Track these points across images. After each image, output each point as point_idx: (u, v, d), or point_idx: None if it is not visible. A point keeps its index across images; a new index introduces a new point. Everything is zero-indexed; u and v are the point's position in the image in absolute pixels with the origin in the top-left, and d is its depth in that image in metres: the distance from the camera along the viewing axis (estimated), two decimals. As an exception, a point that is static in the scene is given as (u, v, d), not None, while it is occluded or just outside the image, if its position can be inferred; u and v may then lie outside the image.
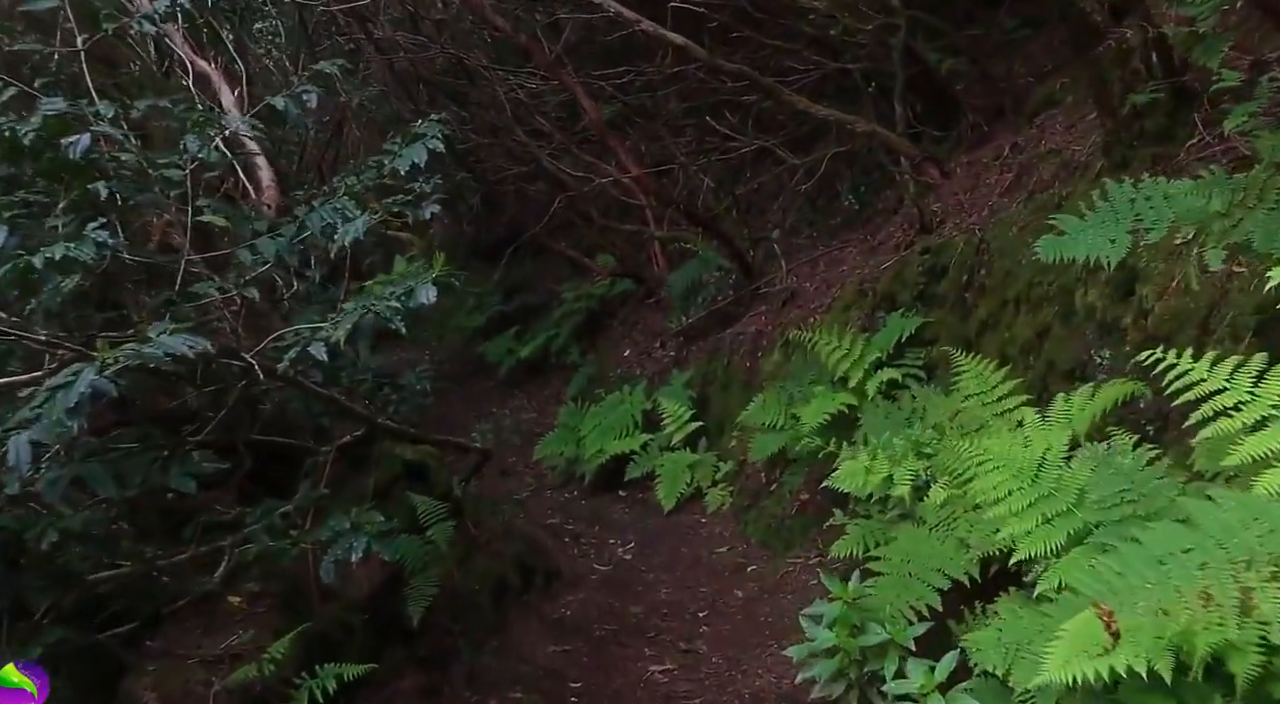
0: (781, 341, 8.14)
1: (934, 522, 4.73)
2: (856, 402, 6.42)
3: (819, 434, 6.46)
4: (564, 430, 9.97)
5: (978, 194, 7.05)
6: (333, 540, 3.90)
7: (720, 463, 8.39)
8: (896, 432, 5.47)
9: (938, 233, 7.00)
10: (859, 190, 9.14)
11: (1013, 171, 6.74)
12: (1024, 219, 5.99)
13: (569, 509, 9.31)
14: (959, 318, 6.23)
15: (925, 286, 6.51)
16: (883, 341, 6.61)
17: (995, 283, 5.88)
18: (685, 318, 10.12)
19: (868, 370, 6.58)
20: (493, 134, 11.47)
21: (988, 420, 5.11)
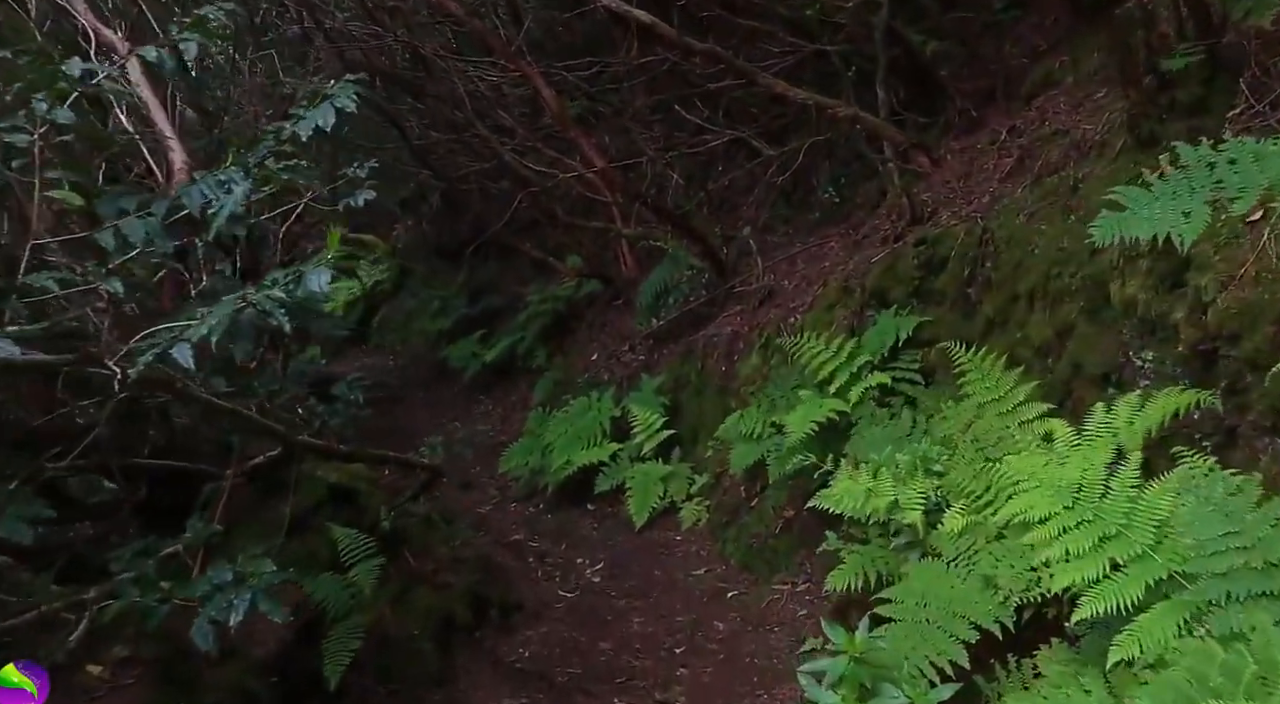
0: (760, 343, 7.28)
1: (951, 554, 3.87)
2: (847, 409, 5.56)
3: (806, 447, 5.59)
4: (529, 439, 9.04)
5: (973, 181, 6.22)
6: (210, 595, 2.96)
7: (695, 475, 7.50)
8: (900, 446, 4.62)
9: (930, 223, 6.16)
10: (838, 182, 8.30)
11: (1013, 156, 5.91)
12: (1032, 205, 5.17)
13: (534, 524, 8.39)
14: (961, 316, 5.39)
15: (921, 282, 5.67)
16: (875, 343, 5.76)
17: (1004, 276, 5.04)
18: (655, 319, 9.23)
19: (856, 374, 5.73)
20: (453, 130, 10.51)
21: (1008, 433, 4.27)
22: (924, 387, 5.51)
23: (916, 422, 4.94)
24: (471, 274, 13.82)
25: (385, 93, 10.46)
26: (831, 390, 5.73)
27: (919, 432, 4.72)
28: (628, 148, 10.43)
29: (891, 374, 5.60)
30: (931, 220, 6.21)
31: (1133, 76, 4.57)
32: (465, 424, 11.72)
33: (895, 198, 7.16)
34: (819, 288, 7.09)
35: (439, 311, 13.47)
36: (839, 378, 5.74)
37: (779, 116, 9.47)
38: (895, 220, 6.63)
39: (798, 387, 6.15)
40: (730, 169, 10.44)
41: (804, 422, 5.58)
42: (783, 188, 9.55)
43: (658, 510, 7.50)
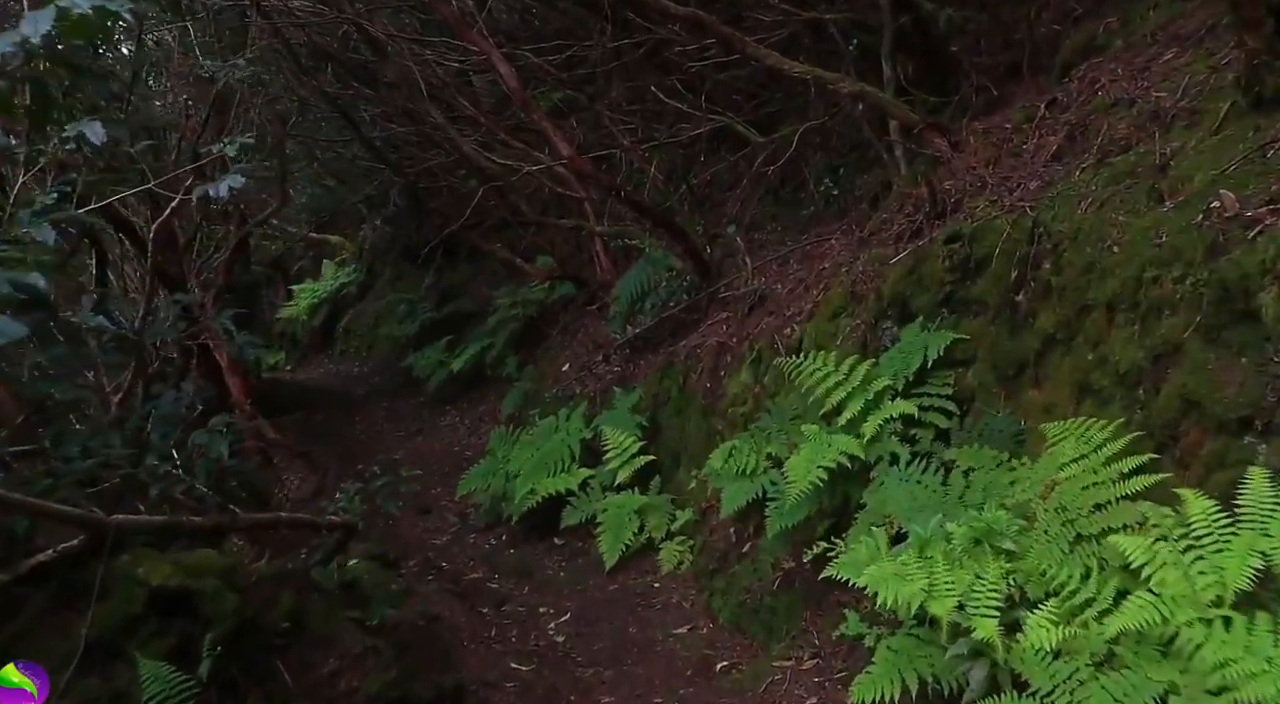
0: (750, 357, 5.96)
1: (1045, 684, 2.55)
2: (861, 452, 4.23)
3: (812, 499, 4.28)
4: (491, 461, 7.69)
5: (1007, 166, 4.91)
6: None
7: (677, 510, 6.17)
8: (950, 510, 3.30)
9: (959, 216, 4.85)
10: (836, 173, 6.98)
11: (1059, 133, 4.61)
12: (1101, 191, 3.86)
13: (495, 560, 7.04)
14: (1007, 330, 4.08)
15: (954, 287, 4.35)
16: (896, 363, 4.44)
17: (1068, 280, 3.73)
18: (630, 326, 7.90)
19: (873, 402, 4.41)
20: (410, 120, 9.13)
21: (1100, 493, 2.96)
22: (959, 418, 4.20)
23: (964, 478, 3.61)
24: (440, 276, 12.46)
25: (336, 79, 9.05)
26: (841, 422, 4.41)
27: (973, 490, 3.40)
28: (603, 141, 9.09)
29: (917, 402, 4.29)
30: (958, 213, 4.90)
31: (1251, 18, 3.27)
32: (430, 437, 10.37)
33: (904, 187, 5.86)
34: (819, 293, 5.78)
35: (405, 316, 12.11)
36: (850, 407, 4.42)
37: (767, 103, 8.16)
38: (911, 214, 5.32)
39: (799, 418, 4.83)
40: (713, 162, 9.11)
41: (809, 468, 4.26)
42: (771, 182, 8.24)
43: (633, 549, 6.18)
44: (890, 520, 3.83)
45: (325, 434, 10.67)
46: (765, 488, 4.98)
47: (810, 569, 4.79)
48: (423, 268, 12.71)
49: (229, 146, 3.34)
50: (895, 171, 6.26)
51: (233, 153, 3.33)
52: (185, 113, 8.17)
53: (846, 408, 4.42)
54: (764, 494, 4.99)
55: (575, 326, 9.34)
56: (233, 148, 3.34)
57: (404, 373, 11.58)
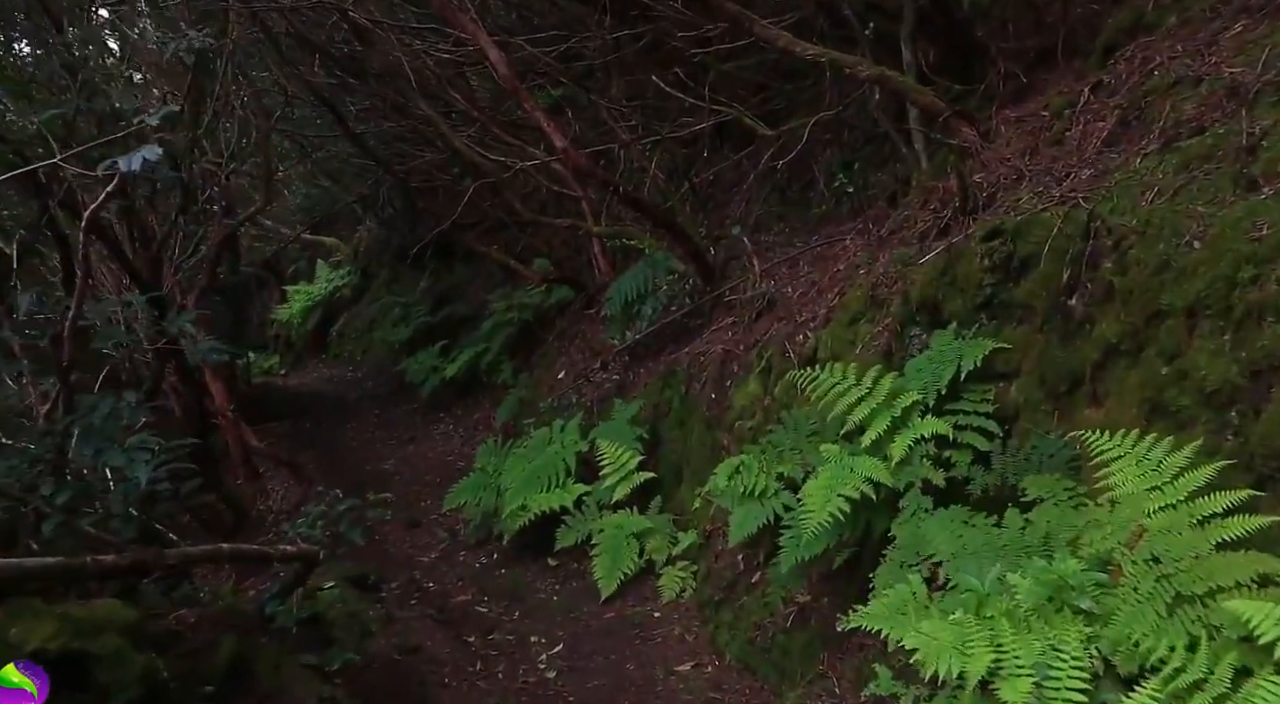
0: (759, 366, 5.36)
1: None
2: (889, 479, 3.63)
3: (833, 531, 3.68)
4: (481, 475, 7.09)
5: (1047, 156, 4.32)
6: None
7: (679, 532, 5.58)
8: (1009, 556, 2.70)
9: (990, 211, 4.26)
10: (850, 168, 6.38)
11: (1109, 119, 4.01)
12: (1170, 178, 3.27)
13: (484, 581, 6.44)
14: (1058, 338, 3.47)
15: (994, 289, 3.74)
16: (926, 375, 3.84)
17: (1136, 281, 3.13)
18: (630, 332, 7.30)
19: (901, 419, 3.81)
20: (399, 114, 8.54)
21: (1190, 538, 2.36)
22: (1000, 439, 3.60)
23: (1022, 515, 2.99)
24: (435, 279, 11.88)
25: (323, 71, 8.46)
26: (865, 443, 3.80)
27: (1035, 528, 2.79)
28: (602, 139, 8.50)
29: (952, 420, 3.69)
30: (992, 207, 4.30)
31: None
32: (422, 445, 9.77)
33: (927, 181, 5.27)
34: (834, 297, 5.18)
35: (399, 319, 11.51)
36: (876, 424, 3.81)
37: (774, 97, 7.56)
38: (938, 210, 4.72)
39: (816, 436, 4.23)
40: (716, 160, 8.52)
41: (828, 496, 3.66)
42: (778, 180, 7.65)
43: (632, 575, 5.58)
44: (927, 560, 3.24)
45: (314, 442, 10.08)
46: (777, 512, 4.39)
47: (829, 606, 4.20)
48: (418, 270, 12.13)
49: (151, 117, 2.75)
50: (915, 165, 5.67)
51: (155, 122, 2.73)
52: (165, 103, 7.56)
53: (871, 426, 3.81)
54: (775, 519, 4.39)
55: (572, 332, 8.75)
56: (155, 117, 2.74)
57: (397, 378, 10.99)
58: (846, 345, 4.73)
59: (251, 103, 8.35)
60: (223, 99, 7.83)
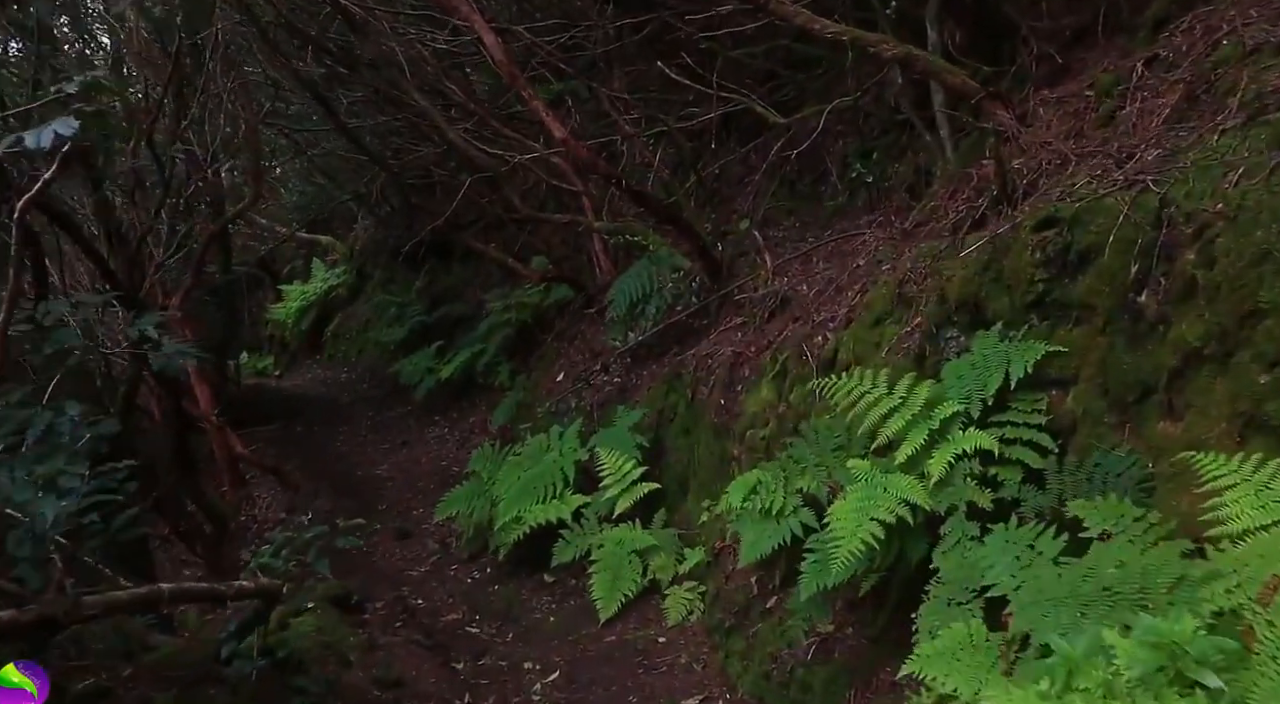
0: (773, 371, 4.85)
1: None
2: (926, 501, 3.13)
3: (863, 557, 3.17)
4: (475, 483, 6.58)
5: (1096, 138, 3.82)
6: None
7: (685, 548, 5.08)
8: (1090, 604, 2.19)
9: (1034, 199, 3.75)
10: (868, 158, 5.86)
11: (1173, 94, 3.51)
12: (1260, 156, 2.76)
13: (476, 598, 5.95)
14: (1124, 340, 2.97)
15: (1047, 285, 3.24)
16: (966, 381, 3.34)
17: (1225, 274, 2.63)
18: (632, 333, 6.80)
19: (939, 433, 3.31)
20: (392, 106, 8.04)
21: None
22: (1055, 456, 3.10)
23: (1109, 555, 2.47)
24: (432, 279, 11.37)
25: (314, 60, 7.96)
26: (900, 459, 3.30)
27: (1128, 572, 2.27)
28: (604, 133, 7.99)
29: (998, 433, 3.18)
30: (1034, 195, 3.80)
31: None
32: (416, 449, 9.27)
33: (954, 169, 4.78)
34: (855, 295, 4.68)
35: (395, 320, 11.00)
36: (911, 438, 3.31)
37: (783, 87, 7.05)
38: (971, 199, 4.22)
39: (842, 450, 3.73)
40: (722, 154, 8.01)
41: (859, 519, 3.16)
42: (787, 173, 7.16)
43: (634, 595, 5.08)
44: (981, 595, 2.74)
45: (305, 446, 9.58)
46: (795, 532, 3.89)
47: (854, 637, 3.69)
48: (414, 269, 11.62)
49: (70, 85, 2.25)
50: (939, 154, 5.17)
51: (73, 90, 2.24)
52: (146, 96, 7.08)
53: (906, 440, 3.31)
54: (792, 539, 3.90)
55: (572, 332, 8.24)
56: (74, 85, 2.25)
57: (392, 380, 10.48)
58: (870, 348, 4.23)
59: (239, 95, 7.84)
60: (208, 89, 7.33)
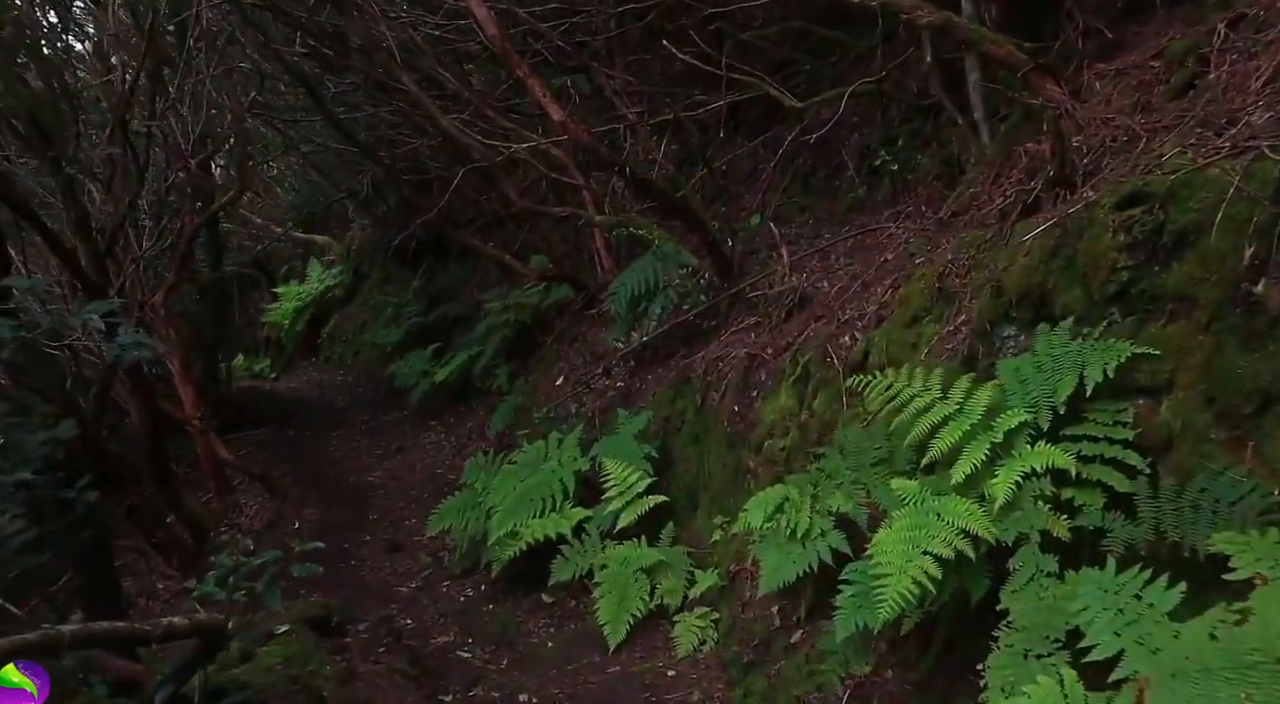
0: (793, 374, 4.29)
1: None
2: (991, 532, 2.57)
3: (915, 595, 2.61)
4: (469, 493, 6.01)
5: (1170, 110, 3.26)
6: None
7: (696, 569, 4.51)
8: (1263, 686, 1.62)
9: (1097, 180, 3.20)
10: (893, 145, 5.29)
11: (1270, 56, 2.95)
12: None
13: (469, 618, 5.38)
14: (1236, 339, 2.42)
15: (1134, 273, 2.68)
16: (1037, 388, 2.77)
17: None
18: (636, 333, 6.24)
19: (1002, 447, 2.75)
20: (384, 93, 7.48)
21: None
22: (1147, 477, 2.53)
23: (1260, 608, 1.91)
24: (429, 278, 10.80)
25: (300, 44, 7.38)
26: (956, 479, 2.73)
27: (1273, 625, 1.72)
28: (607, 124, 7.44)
29: (1074, 449, 2.62)
30: (1099, 175, 3.25)
31: None
32: (410, 455, 8.70)
33: (993, 152, 4.23)
34: (885, 291, 4.11)
35: (391, 321, 10.44)
36: (970, 453, 2.75)
37: (795, 74, 6.50)
38: (1022, 181, 3.66)
39: (883, 465, 3.17)
40: (729, 148, 7.47)
41: (909, 552, 2.61)
42: (800, 167, 6.62)
43: (641, 618, 4.51)
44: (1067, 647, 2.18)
45: (296, 451, 9.01)
46: (824, 557, 3.33)
47: (895, 681, 3.13)
48: (411, 269, 11.07)
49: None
50: (973, 138, 4.62)
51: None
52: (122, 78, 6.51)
53: (964, 455, 2.75)
54: (819, 566, 3.34)
55: (572, 333, 7.68)
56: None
57: (388, 382, 9.91)
58: (906, 349, 3.67)
59: (224, 82, 7.29)
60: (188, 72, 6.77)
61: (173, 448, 8.59)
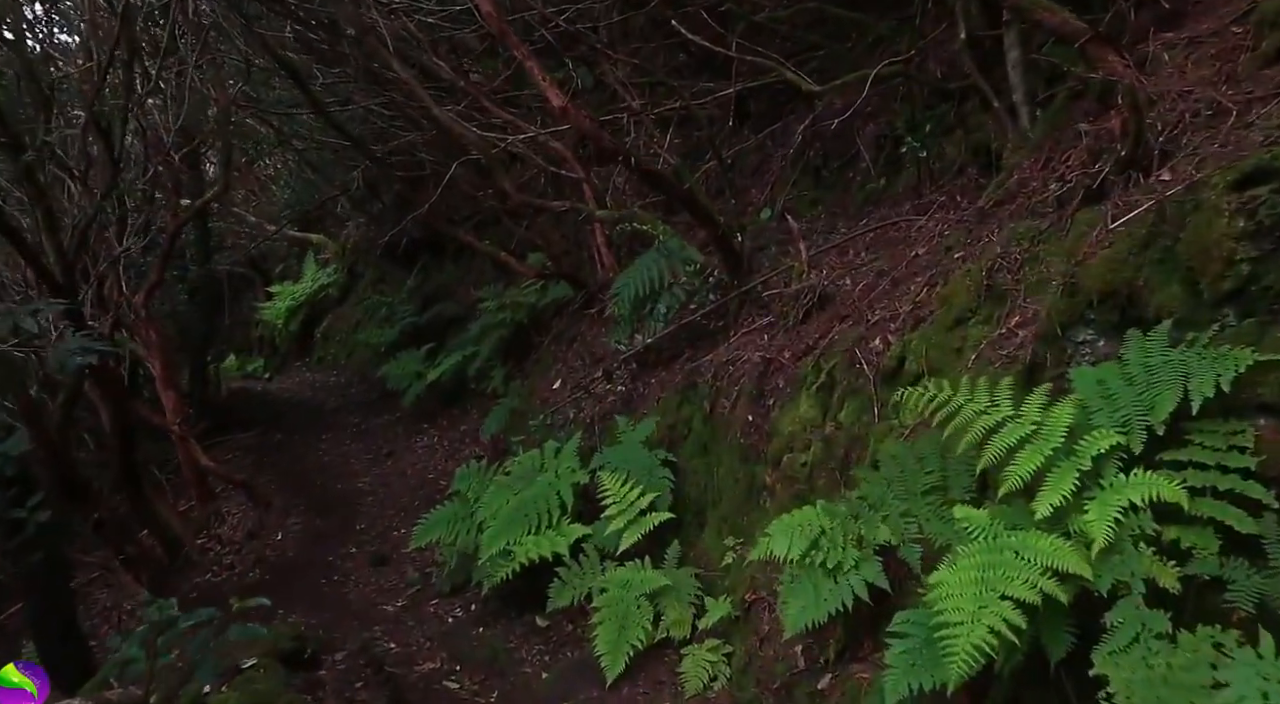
0: (815, 380, 3.75)
1: None
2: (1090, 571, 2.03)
3: (992, 648, 2.07)
4: (460, 504, 5.45)
5: (1267, 79, 2.73)
6: None
7: (705, 596, 3.96)
8: None
9: (1177, 163, 2.66)
10: (919, 131, 4.74)
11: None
12: None
13: (457, 642, 4.83)
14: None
15: (1255, 267, 2.15)
16: (1130, 404, 2.24)
17: None
18: (639, 335, 5.69)
19: (1091, 477, 2.21)
20: (375, 82, 6.92)
21: None
22: (1278, 516, 2.00)
23: None
24: (425, 277, 10.24)
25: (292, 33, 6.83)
26: (1040, 513, 2.19)
27: None
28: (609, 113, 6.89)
29: (1177, 479, 2.09)
30: (1179, 156, 2.71)
31: None
32: (402, 459, 8.14)
33: (1036, 135, 3.69)
34: (921, 289, 3.58)
35: (384, 320, 9.88)
36: (1055, 482, 2.21)
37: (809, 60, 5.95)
38: (1084, 165, 3.13)
39: (939, 492, 2.63)
40: (736, 141, 6.93)
41: (983, 599, 2.07)
42: (811, 160, 6.09)
43: (644, 648, 3.97)
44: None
45: (284, 456, 8.45)
46: (860, 594, 2.80)
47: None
48: (406, 268, 10.50)
49: None
50: (1010, 121, 4.07)
51: None
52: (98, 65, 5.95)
53: (1047, 484, 2.21)
54: (853, 603, 2.80)
55: (571, 334, 7.13)
56: None
57: (381, 384, 9.34)
58: (949, 355, 3.14)
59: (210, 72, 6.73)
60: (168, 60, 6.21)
61: (156, 453, 8.06)
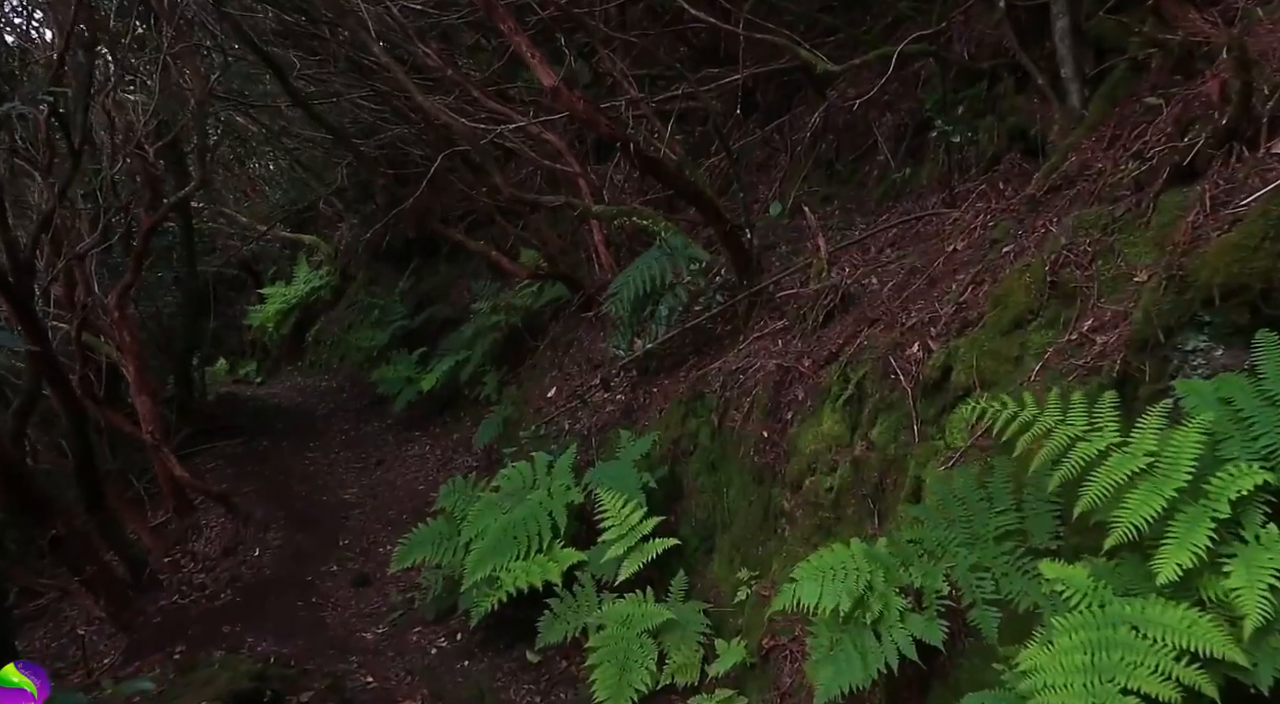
0: (840, 392, 3.18)
1: None
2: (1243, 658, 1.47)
3: None
4: (446, 522, 4.87)
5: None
6: None
7: (716, 636, 3.38)
8: None
9: None
10: (949, 113, 4.17)
11: None
12: None
13: (440, 676, 4.26)
14: None
15: None
16: (1263, 428, 1.67)
17: None
18: (640, 339, 5.12)
19: (1238, 520, 1.64)
20: (359, 73, 6.35)
21: None
22: None
23: None
24: (417, 279, 9.67)
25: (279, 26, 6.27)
26: (1164, 576, 1.62)
27: None
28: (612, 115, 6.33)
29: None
30: None
31: None
32: (392, 469, 7.56)
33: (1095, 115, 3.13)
34: (965, 288, 3.01)
35: (376, 323, 9.30)
36: (1182, 534, 1.64)
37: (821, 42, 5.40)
38: (1169, 138, 2.57)
39: (1016, 535, 2.06)
40: (741, 135, 6.38)
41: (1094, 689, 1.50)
42: (822, 153, 5.55)
43: (647, 696, 3.39)
44: None
45: (269, 465, 7.86)
46: (908, 653, 2.23)
47: None
48: (399, 270, 9.94)
49: None
50: (1055, 99, 3.51)
51: None
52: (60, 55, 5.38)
53: (1172, 536, 1.64)
54: (898, 665, 2.24)
55: (567, 338, 6.57)
56: None
57: (372, 389, 8.77)
58: (1006, 363, 2.58)
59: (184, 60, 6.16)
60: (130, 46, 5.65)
61: (136, 463, 7.48)
